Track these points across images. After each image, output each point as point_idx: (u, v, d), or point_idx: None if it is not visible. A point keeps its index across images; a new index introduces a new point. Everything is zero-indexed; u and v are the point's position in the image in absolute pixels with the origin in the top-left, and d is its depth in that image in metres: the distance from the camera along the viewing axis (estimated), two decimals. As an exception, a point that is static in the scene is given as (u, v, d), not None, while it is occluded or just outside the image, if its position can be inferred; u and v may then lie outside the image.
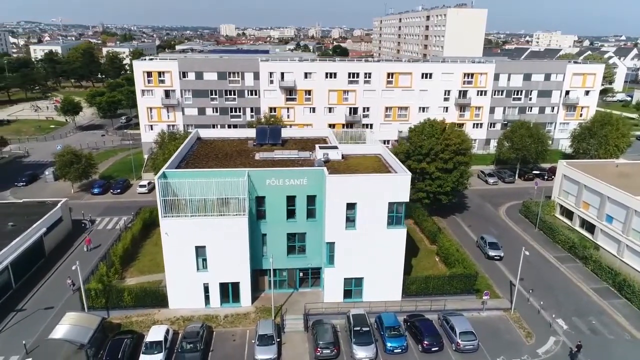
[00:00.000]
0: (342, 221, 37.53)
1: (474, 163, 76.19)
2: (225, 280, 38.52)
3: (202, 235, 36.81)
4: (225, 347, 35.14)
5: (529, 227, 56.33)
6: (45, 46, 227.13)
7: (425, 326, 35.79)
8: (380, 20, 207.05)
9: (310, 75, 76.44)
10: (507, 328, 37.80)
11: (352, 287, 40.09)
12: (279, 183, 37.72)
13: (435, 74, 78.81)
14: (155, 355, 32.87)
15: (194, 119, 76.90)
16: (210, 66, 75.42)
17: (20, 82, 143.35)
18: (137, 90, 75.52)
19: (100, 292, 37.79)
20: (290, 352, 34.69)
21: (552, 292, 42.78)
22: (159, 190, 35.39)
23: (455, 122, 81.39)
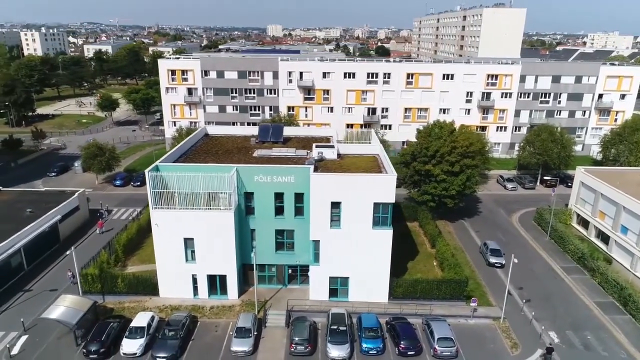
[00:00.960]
0: (327, 219, 37.65)
1: (495, 167, 74.42)
2: (212, 272, 39.59)
3: (190, 227, 38.04)
4: (207, 337, 36.13)
5: (541, 235, 53.98)
6: (97, 46, 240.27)
7: (403, 329, 35.27)
8: (419, 20, 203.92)
9: (328, 75, 76.73)
10: (493, 337, 36.56)
11: (338, 287, 40.09)
12: (267, 180, 38.32)
13: (457, 75, 76.93)
14: (137, 340, 34.33)
15: (215, 117, 79.07)
16: (231, 65, 77.37)
17: (69, 79, 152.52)
18: (162, 87, 78.68)
19: (96, 278, 39.85)
20: (268, 346, 35.18)
21: (551, 304, 40.90)
22: (149, 182, 36.95)
23: (478, 125, 79.46)
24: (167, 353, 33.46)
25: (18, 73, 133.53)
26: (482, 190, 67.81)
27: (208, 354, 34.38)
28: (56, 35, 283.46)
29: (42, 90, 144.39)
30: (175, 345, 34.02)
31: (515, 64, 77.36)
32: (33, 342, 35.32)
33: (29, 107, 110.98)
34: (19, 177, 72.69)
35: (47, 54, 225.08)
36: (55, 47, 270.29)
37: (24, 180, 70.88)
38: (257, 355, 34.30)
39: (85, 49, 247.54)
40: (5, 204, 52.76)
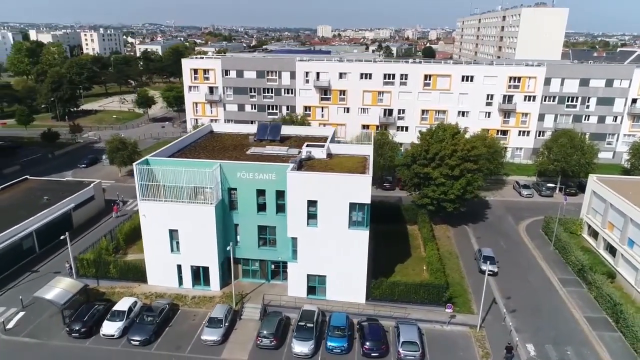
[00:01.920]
0: (304, 217, 38.15)
1: (514, 173, 71.99)
2: (196, 264, 41.19)
3: (174, 219, 39.81)
4: (183, 325, 37.68)
5: (546, 244, 51.70)
6: (148, 46, 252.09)
7: (370, 330, 35.20)
8: (462, 21, 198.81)
9: (345, 75, 76.95)
10: (465, 345, 35.69)
11: (317, 284, 40.51)
12: (249, 176, 39.38)
13: (476, 76, 74.80)
14: (117, 322, 36.44)
15: (234, 115, 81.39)
16: (250, 65, 79.38)
17: (116, 77, 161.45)
18: (185, 86, 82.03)
19: (91, 263, 42.54)
20: (238, 338, 36.20)
21: (537, 315, 39.29)
22: (136, 174, 39.04)
23: (498, 129, 76.95)
24: (141, 337, 35.32)
25: (69, 71, 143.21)
26: (495, 196, 65.85)
27: (180, 340, 35.89)
28: (113, 35, 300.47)
29: (90, 87, 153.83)
30: (150, 330, 35.81)
31: (540, 66, 74.10)
32: (28, 318, 38.30)
33: (74, 103, 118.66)
34: (54, 167, 78.23)
35: (99, 53, 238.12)
36: (112, 46, 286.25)
37: (57, 171, 76.16)
38: (225, 345, 35.44)
39: (137, 49, 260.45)
40: (28, 191, 57.12)
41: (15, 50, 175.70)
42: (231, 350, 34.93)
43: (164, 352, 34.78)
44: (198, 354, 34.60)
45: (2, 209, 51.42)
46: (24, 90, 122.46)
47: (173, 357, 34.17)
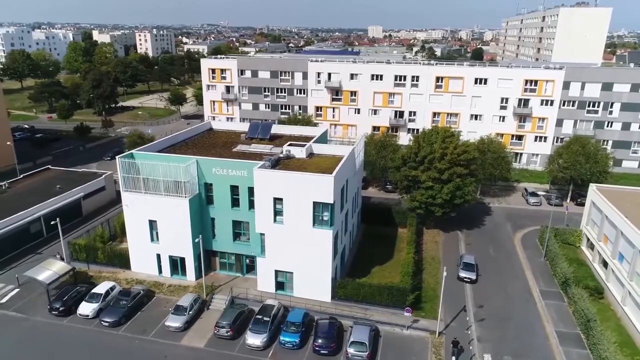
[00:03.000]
0: (271, 214, 39.13)
1: (527, 180, 69.46)
2: (173, 254, 43.27)
3: (153, 210, 42.07)
4: (155, 311, 39.72)
5: (538, 255, 49.68)
6: (194, 46, 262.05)
7: (322, 328, 35.64)
8: (507, 21, 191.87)
9: (356, 76, 77.08)
10: (420, 350, 35.32)
11: (285, 281, 41.38)
12: (224, 172, 40.97)
13: (490, 79, 72.55)
14: (93, 304, 39.12)
15: (249, 114, 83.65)
16: (264, 65, 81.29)
17: (159, 75, 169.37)
18: (203, 84, 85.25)
19: (82, 248, 45.73)
20: (201, 326, 37.76)
21: (505, 326, 38.10)
22: (119, 167, 41.63)
23: (513, 134, 74.31)
24: (111, 318, 37.74)
25: (114, 69, 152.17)
26: (500, 203, 63.82)
27: (148, 325, 37.95)
28: (165, 36, 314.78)
29: (134, 85, 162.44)
30: (121, 313, 38.15)
31: (557, 69, 70.72)
32: (20, 295, 41.86)
33: (112, 100, 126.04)
34: (82, 159, 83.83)
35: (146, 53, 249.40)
36: (163, 46, 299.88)
37: (84, 162, 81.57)
38: (187, 332, 37.12)
39: (185, 49, 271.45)
40: (46, 180, 61.84)
41: (70, 49, 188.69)
42: (191, 338, 36.57)
43: (129, 334, 36.97)
44: (160, 339, 36.49)
45: (18, 195, 56.16)
46: (71, 87, 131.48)
47: (136, 340, 36.31)
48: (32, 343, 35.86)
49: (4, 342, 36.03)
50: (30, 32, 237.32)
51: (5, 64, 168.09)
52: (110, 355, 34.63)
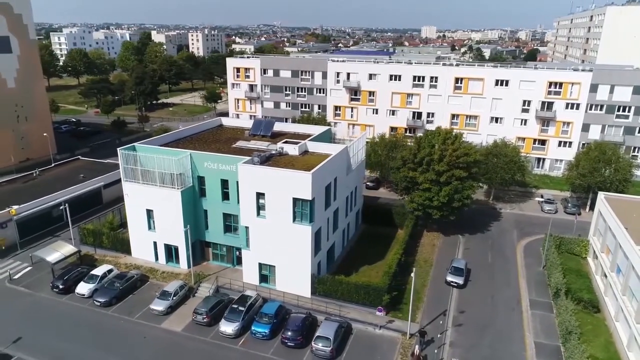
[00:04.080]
0: (254, 208, 40.43)
1: (547, 186, 66.85)
2: (168, 242, 45.59)
3: (150, 200, 44.59)
4: (145, 295, 42.11)
5: (537, 264, 47.77)
6: (241, 45, 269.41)
7: (293, 321, 36.41)
8: (558, 21, 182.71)
9: (374, 76, 76.88)
10: (388, 350, 35.29)
11: (268, 274, 42.53)
12: (215, 167, 42.77)
13: (512, 81, 69.97)
14: (90, 284, 42.11)
15: (271, 112, 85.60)
16: (285, 65, 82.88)
17: (201, 74, 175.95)
18: (229, 83, 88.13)
19: (90, 233, 49.17)
20: (183, 312, 39.63)
21: (482, 334, 37.22)
22: (120, 158, 44.48)
23: (536, 138, 71.38)
24: (102, 298, 40.52)
25: (160, 67, 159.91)
26: (513, 209, 61.72)
27: (135, 307, 40.40)
28: (215, 36, 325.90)
29: (178, 83, 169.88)
30: (112, 294, 40.85)
31: (584, 71, 67.05)
32: (31, 273, 45.73)
33: (154, 96, 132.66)
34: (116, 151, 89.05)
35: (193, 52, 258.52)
36: (214, 46, 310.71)
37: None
38: (169, 316, 39.18)
39: (233, 48, 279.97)
40: (74, 169, 66.65)
41: (124, 48, 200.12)
42: (171, 322, 38.57)
43: (117, 315, 39.56)
44: (143, 321, 38.76)
45: (46, 182, 61.01)
46: (117, 84, 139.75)
47: (121, 320, 38.81)
48: (32, 316, 39.21)
49: (9, 313, 39.64)
50: (91, 32, 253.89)
51: (65, 62, 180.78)
52: (95, 333, 37.20)
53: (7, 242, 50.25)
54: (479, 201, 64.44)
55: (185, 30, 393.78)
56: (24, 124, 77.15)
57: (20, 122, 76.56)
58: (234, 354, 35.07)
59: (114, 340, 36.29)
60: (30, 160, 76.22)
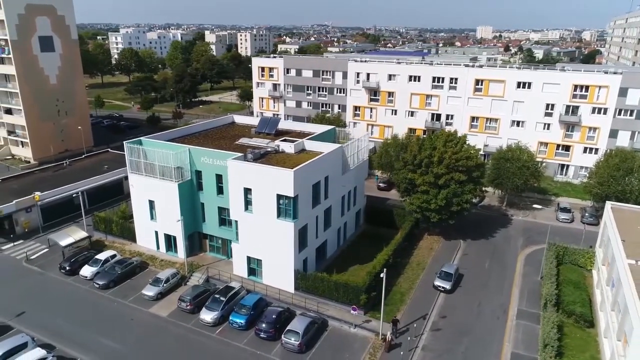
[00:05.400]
0: (242, 203, 41.79)
1: (568, 194, 63.99)
2: (167, 232, 47.95)
3: (152, 192, 47.11)
4: (142, 280, 44.52)
5: (536, 273, 45.90)
6: (286, 45, 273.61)
7: (268, 314, 37.36)
8: (614, 21, 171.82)
9: (394, 77, 76.24)
10: (358, 349, 35.48)
11: (256, 267, 43.77)
12: (210, 162, 44.59)
13: (534, 83, 67.08)
14: (93, 267, 45.17)
15: (293, 111, 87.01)
16: (307, 64, 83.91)
17: (243, 73, 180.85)
18: (254, 82, 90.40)
19: (101, 220, 52.59)
20: (171, 299, 41.54)
21: (459, 340, 36.54)
22: (126, 151, 47.31)
23: (559, 143, 68.20)
24: (101, 281, 43.40)
25: (203, 66, 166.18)
26: (526, 216, 59.46)
27: (130, 291, 42.92)
28: (264, 36, 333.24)
29: (220, 81, 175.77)
30: (110, 278, 43.63)
31: (613, 74, 63.11)
32: (46, 254, 49.64)
33: (192, 94, 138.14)
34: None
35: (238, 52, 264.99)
36: (262, 46, 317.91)
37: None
38: (158, 302, 41.34)
39: (278, 48, 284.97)
40: (101, 161, 71.21)
41: (172, 48, 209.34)
42: (159, 307, 40.70)
43: (112, 297, 42.25)
44: (134, 304, 41.17)
45: (74, 171, 65.71)
46: (160, 82, 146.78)
47: (115, 302, 41.47)
48: (38, 294, 42.68)
49: (18, 290, 43.33)
50: (145, 32, 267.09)
51: (117, 60, 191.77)
52: (90, 312, 39.93)
53: (31, 225, 54.81)
54: (490, 207, 62.73)
55: (236, 31, 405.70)
56: (64, 118, 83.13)
57: (60, 116, 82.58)
58: (210, 342, 36.55)
59: (105, 321, 38.83)
60: (68, 151, 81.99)
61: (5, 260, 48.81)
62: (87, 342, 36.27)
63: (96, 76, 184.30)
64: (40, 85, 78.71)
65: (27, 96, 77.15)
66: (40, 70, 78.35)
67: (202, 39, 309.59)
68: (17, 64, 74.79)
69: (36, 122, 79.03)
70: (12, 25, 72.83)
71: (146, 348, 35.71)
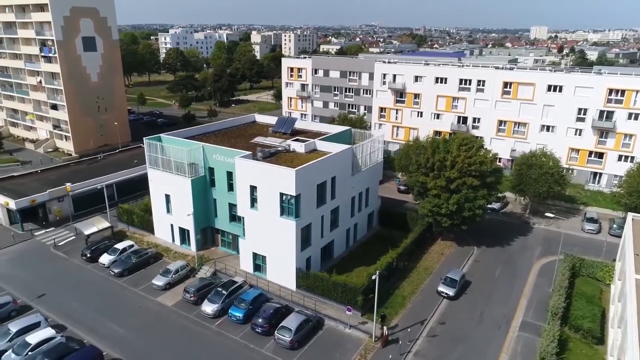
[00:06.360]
0: (248, 200, 42.89)
1: (598, 205, 61.04)
2: (182, 226, 49.86)
3: (167, 186, 49.17)
4: (154, 271, 46.55)
5: (548, 285, 44.03)
6: (328, 46, 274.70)
7: (265, 310, 38.15)
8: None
9: (420, 79, 75.19)
10: (349, 350, 35.61)
11: (261, 263, 44.73)
12: (221, 159, 46.02)
13: (566, 87, 64.11)
14: (110, 256, 47.74)
15: (320, 111, 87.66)
16: (335, 65, 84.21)
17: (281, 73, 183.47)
18: (283, 82, 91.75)
19: (125, 211, 55.40)
20: (178, 290, 43.10)
21: (454, 348, 35.88)
22: (146, 147, 49.63)
23: (592, 150, 64.92)
24: (116, 269, 45.82)
25: (244, 66, 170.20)
26: (549, 225, 57.08)
27: (142, 280, 45.04)
28: (307, 36, 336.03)
29: (259, 81, 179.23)
30: (125, 267, 46.00)
31: (651, 77, 59.30)
32: (73, 242, 52.92)
33: (230, 93, 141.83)
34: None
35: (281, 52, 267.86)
36: (305, 46, 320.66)
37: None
38: (166, 292, 43.17)
39: (321, 48, 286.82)
40: (133, 155, 74.63)
41: (216, 48, 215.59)
42: (166, 297, 42.52)
43: (125, 285, 44.56)
44: (144, 293, 43.22)
45: (107, 165, 69.45)
46: (201, 80, 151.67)
47: (126, 290, 43.73)
48: (60, 278, 45.64)
49: (43, 273, 46.56)
50: (192, 33, 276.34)
51: (163, 60, 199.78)
52: (102, 298, 42.32)
53: (63, 214, 58.57)
54: (512, 214, 60.72)
55: (282, 31, 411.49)
56: (104, 114, 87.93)
57: (100, 112, 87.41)
58: (208, 332, 37.85)
59: (114, 306, 41.04)
60: (107, 145, 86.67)
61: (36, 245, 52.49)
62: (96, 325, 38.51)
63: (143, 75, 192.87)
64: (83, 83, 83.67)
65: (70, 93, 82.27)
66: (83, 68, 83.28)
67: (248, 39, 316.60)
68: (61, 62, 79.91)
69: (78, 117, 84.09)
70: (58, 26, 77.90)
71: (148, 335, 37.47)
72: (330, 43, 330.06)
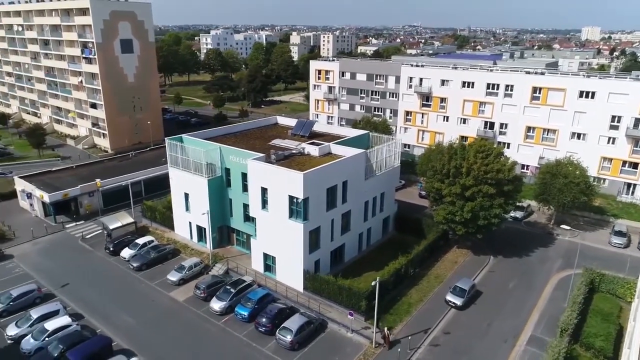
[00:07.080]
0: (259, 201, 43.80)
1: (630, 217, 58.92)
2: (199, 224, 51.45)
3: (186, 185, 50.90)
4: (170, 266, 48.24)
5: (565, 299, 42.41)
6: (366, 47, 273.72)
7: (269, 310, 38.86)
8: None
9: (447, 82, 73.92)
10: (349, 354, 35.75)
11: (271, 264, 45.54)
12: (237, 160, 47.24)
13: (599, 92, 61.26)
14: (131, 250, 49.96)
15: (346, 113, 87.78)
16: (361, 68, 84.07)
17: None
18: (310, 84, 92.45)
19: (148, 208, 57.73)
20: (191, 285, 44.50)
21: (455, 358, 35.21)
22: (167, 147, 51.57)
23: (625, 160, 61.84)
24: (135, 263, 47.95)
25: (279, 67, 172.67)
26: (574, 237, 54.88)
27: (159, 275, 46.85)
28: (346, 37, 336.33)
29: (294, 82, 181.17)
30: (144, 261, 48.05)
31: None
32: (100, 235, 55.67)
33: (263, 93, 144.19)
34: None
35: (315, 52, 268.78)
36: (344, 47, 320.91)
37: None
38: (179, 287, 44.76)
39: (358, 49, 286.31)
40: (162, 154, 76.59)
41: (254, 49, 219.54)
42: (179, 292, 44.08)
43: (142, 278, 46.54)
44: (159, 287, 44.99)
45: (137, 162, 72.49)
46: (236, 81, 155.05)
47: (142, 284, 45.68)
48: (84, 269, 48.17)
49: (69, 264, 49.25)
50: (232, 34, 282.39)
51: (202, 60, 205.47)
52: (119, 290, 44.39)
53: (93, 208, 61.69)
54: (536, 223, 58.78)
55: (320, 32, 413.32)
56: (139, 113, 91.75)
57: (135, 111, 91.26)
58: (214, 329, 39.01)
59: (130, 299, 42.98)
60: (141, 143, 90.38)
61: (66, 237, 55.60)
62: (111, 315, 40.50)
63: (183, 75, 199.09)
64: (120, 83, 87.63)
65: (107, 92, 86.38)
66: (120, 69, 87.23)
67: (287, 40, 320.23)
68: (100, 63, 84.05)
69: (114, 116, 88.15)
70: (97, 29, 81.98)
71: (156, 327, 39.02)
72: (368, 44, 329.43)
